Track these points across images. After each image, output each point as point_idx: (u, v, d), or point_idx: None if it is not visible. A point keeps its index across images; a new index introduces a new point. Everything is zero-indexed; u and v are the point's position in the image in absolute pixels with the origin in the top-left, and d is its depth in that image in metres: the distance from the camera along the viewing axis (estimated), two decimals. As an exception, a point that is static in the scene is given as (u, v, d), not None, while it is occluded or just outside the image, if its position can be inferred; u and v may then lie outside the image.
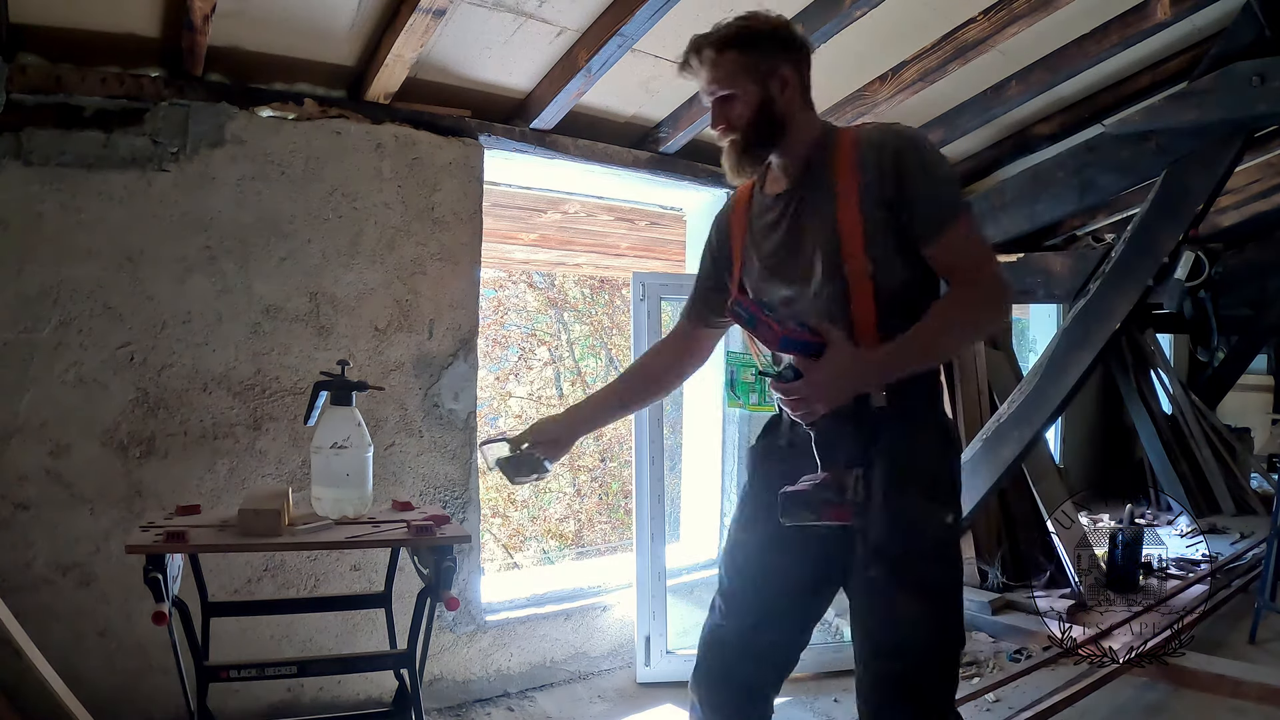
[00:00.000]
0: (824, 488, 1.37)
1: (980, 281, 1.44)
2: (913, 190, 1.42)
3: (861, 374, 1.40)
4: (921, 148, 1.47)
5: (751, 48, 1.47)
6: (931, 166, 1.45)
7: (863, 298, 1.44)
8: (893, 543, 1.40)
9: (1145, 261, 3.22)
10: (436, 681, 2.79)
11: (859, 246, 1.43)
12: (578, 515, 8.30)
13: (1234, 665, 2.96)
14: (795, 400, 1.40)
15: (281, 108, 2.53)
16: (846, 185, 1.45)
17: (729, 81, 1.48)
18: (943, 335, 1.45)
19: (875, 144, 1.46)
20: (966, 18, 2.83)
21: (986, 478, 3.67)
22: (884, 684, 1.44)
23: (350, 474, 1.86)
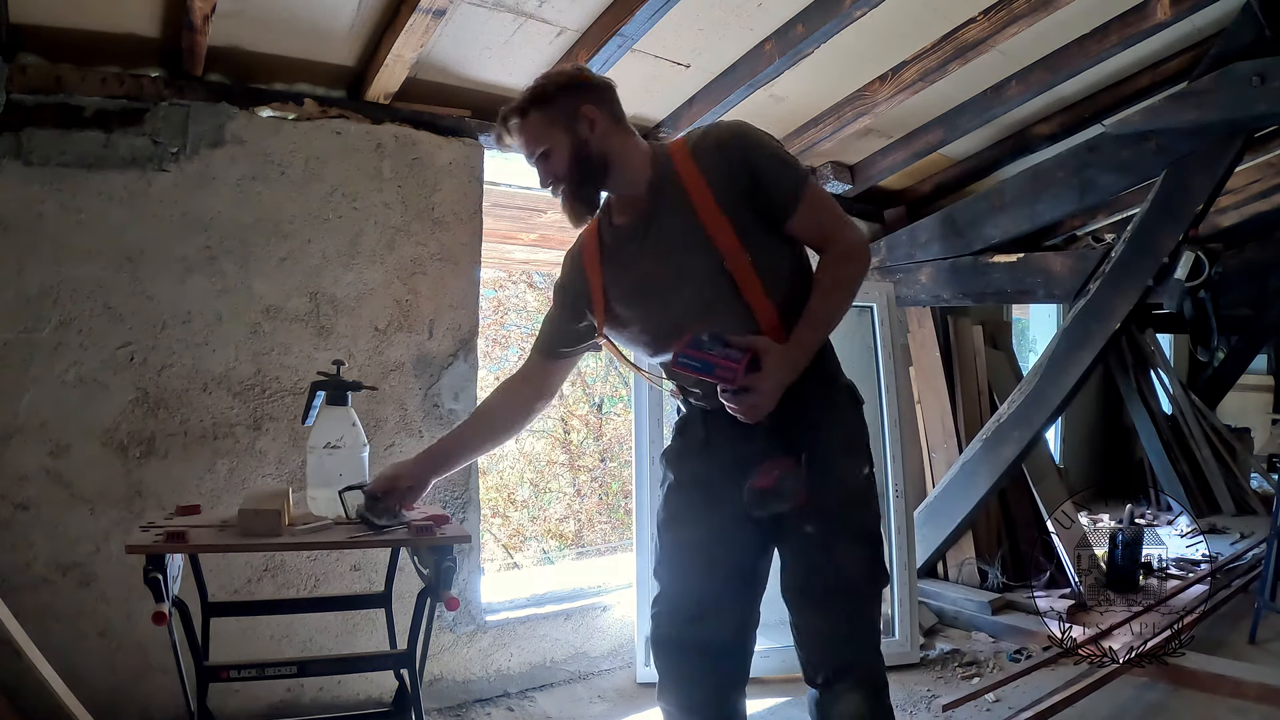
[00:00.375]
0: (789, 477, 1.46)
1: (843, 240, 1.56)
2: (762, 174, 1.51)
3: (794, 365, 1.48)
4: (756, 134, 1.56)
5: (549, 102, 1.55)
6: (770, 148, 1.54)
7: (753, 289, 1.51)
8: (826, 498, 1.52)
9: (1145, 261, 3.22)
10: (436, 681, 2.79)
11: (735, 244, 1.49)
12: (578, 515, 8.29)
13: (1234, 665, 2.96)
14: (749, 408, 1.45)
15: (281, 108, 2.53)
16: (699, 192, 1.51)
17: (540, 139, 1.55)
18: (836, 302, 1.54)
19: (713, 145, 1.54)
20: (966, 18, 2.83)
21: (986, 478, 3.67)
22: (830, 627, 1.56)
23: (345, 474, 1.86)
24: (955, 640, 3.52)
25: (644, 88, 3.01)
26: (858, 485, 1.61)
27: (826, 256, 1.56)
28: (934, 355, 4.24)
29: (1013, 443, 3.59)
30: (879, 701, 1.58)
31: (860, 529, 1.59)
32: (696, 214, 1.51)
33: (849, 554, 1.56)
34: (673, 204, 1.54)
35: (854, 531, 1.58)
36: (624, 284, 1.62)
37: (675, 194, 1.54)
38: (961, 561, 3.94)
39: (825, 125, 3.35)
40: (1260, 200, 5.30)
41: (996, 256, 3.80)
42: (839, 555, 1.55)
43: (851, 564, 1.56)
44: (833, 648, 1.57)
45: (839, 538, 1.55)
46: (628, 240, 1.60)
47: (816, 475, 1.50)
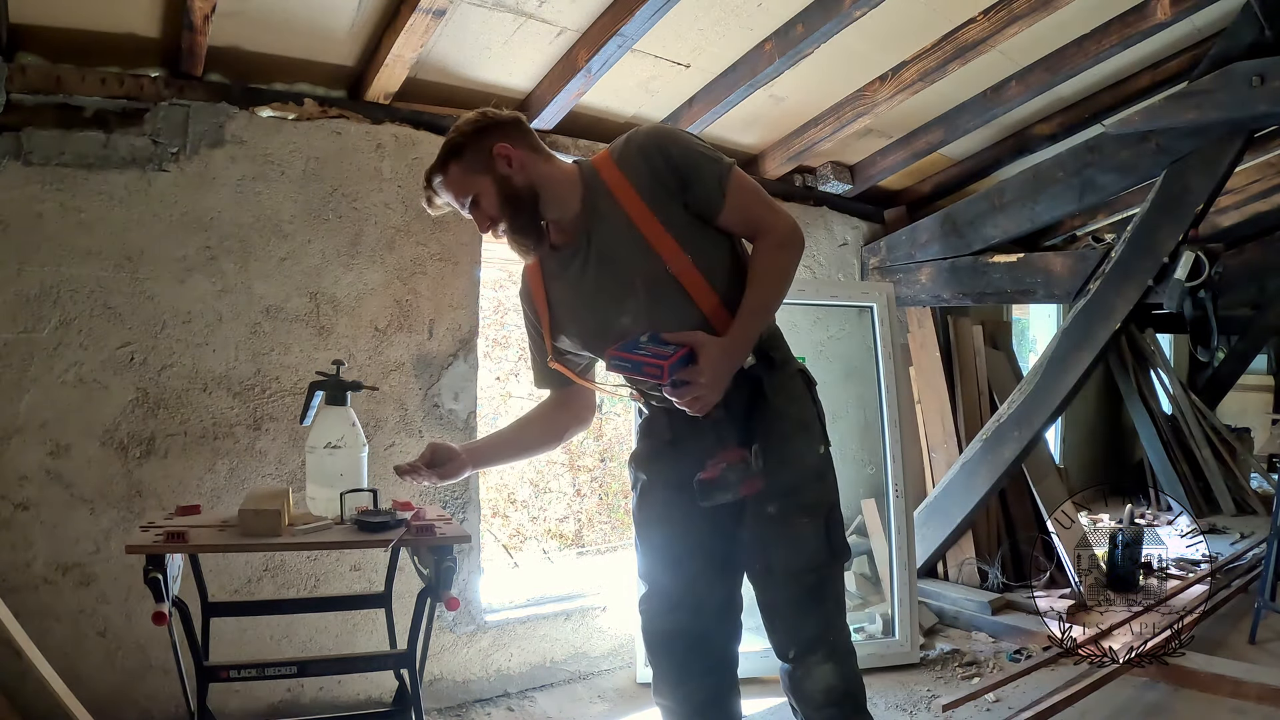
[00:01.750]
0: (734, 468, 1.48)
1: (773, 227, 1.58)
2: (687, 172, 1.53)
3: (733, 355, 1.51)
4: (673, 135, 1.59)
5: (463, 151, 1.56)
6: (690, 146, 1.57)
7: (698, 287, 1.55)
8: (788, 479, 1.58)
9: (1145, 261, 3.22)
10: (436, 681, 2.79)
11: (672, 246, 1.53)
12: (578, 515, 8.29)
13: (1234, 665, 2.96)
14: (692, 401, 1.49)
15: (281, 108, 2.53)
16: (629, 200, 1.54)
17: (465, 188, 1.56)
18: (770, 289, 1.58)
19: (635, 151, 1.56)
20: (966, 18, 2.83)
21: (986, 478, 3.67)
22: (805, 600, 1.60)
23: (344, 474, 1.86)
24: (955, 640, 3.52)
25: (644, 88, 3.01)
26: (813, 463, 1.64)
27: (759, 245, 1.59)
28: (934, 355, 4.24)
29: (1013, 443, 3.59)
30: (848, 669, 1.63)
31: (816, 504, 1.62)
32: (632, 221, 1.54)
33: (806, 529, 1.60)
34: (607, 216, 1.57)
35: (810, 507, 1.61)
36: (570, 303, 1.65)
37: (608, 206, 1.56)
38: (961, 561, 3.95)
39: (825, 125, 3.35)
40: (1260, 200, 5.30)
41: (996, 256, 3.80)
42: (797, 531, 1.59)
43: (809, 539, 1.60)
44: (798, 623, 1.61)
45: (796, 514, 1.59)
46: (569, 259, 1.62)
47: (772, 459, 1.54)
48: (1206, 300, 3.17)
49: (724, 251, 1.61)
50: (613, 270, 1.58)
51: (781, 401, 1.62)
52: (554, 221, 1.62)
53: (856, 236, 4.23)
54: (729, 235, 1.62)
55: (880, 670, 3.15)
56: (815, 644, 1.61)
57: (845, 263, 4.16)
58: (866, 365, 3.48)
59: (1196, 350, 6.36)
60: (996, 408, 3.81)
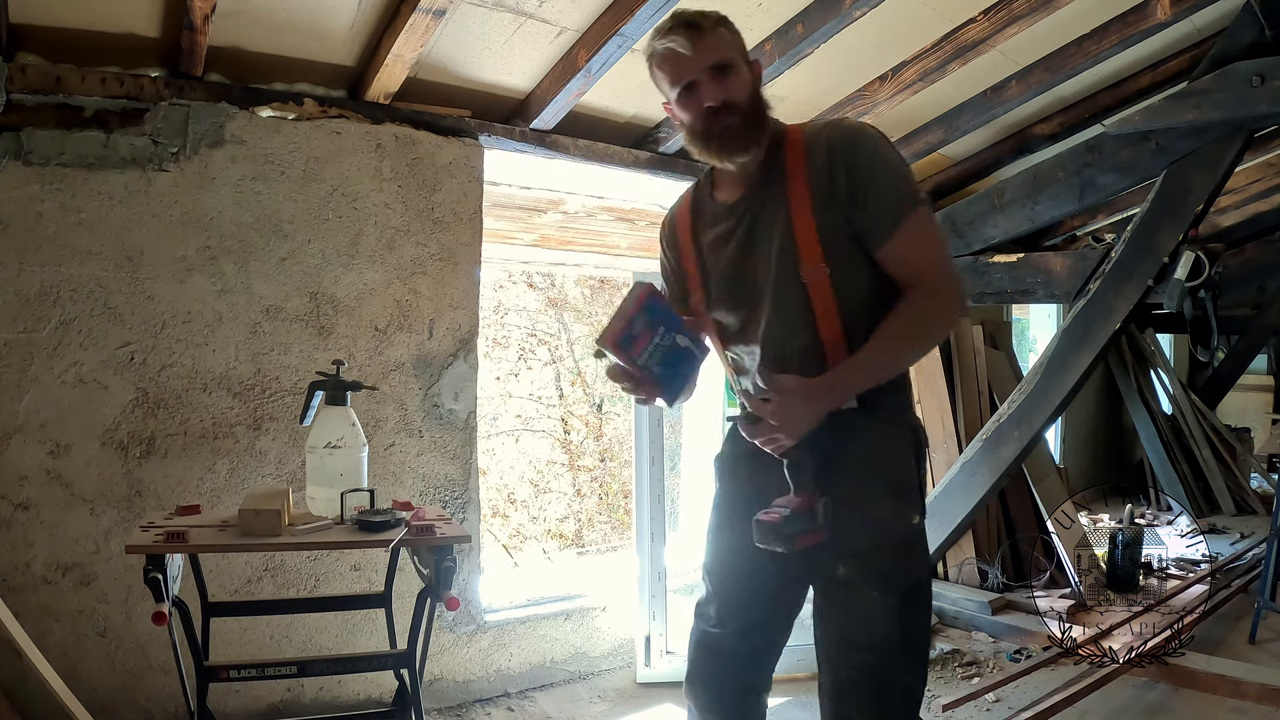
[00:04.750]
0: (795, 519, 1.38)
1: (934, 289, 1.40)
2: (863, 189, 1.38)
3: (817, 402, 1.37)
4: (871, 142, 1.42)
5: (732, 30, 1.45)
6: (881, 163, 1.40)
7: (825, 307, 1.40)
8: (863, 542, 1.41)
9: (1145, 261, 3.22)
10: (436, 681, 2.79)
11: (816, 255, 1.39)
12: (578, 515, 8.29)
13: (1234, 665, 2.96)
14: (766, 441, 1.39)
15: (281, 108, 2.53)
16: (798, 189, 1.41)
17: (727, 49, 1.41)
18: (893, 353, 1.41)
19: (823, 142, 1.42)
20: (966, 18, 2.83)
21: (986, 478, 3.67)
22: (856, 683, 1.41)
23: (344, 473, 1.86)
24: (955, 640, 3.52)
25: (644, 88, 2.99)
26: (900, 532, 1.45)
27: (907, 298, 1.40)
28: (934, 355, 4.24)
29: (1013, 443, 3.59)
30: None
31: (893, 579, 1.42)
32: (790, 212, 1.41)
33: (876, 605, 1.40)
34: (772, 195, 1.44)
35: (885, 580, 1.41)
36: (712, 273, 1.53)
37: (777, 185, 1.43)
38: (961, 561, 3.95)
39: (825, 125, 3.35)
40: (1260, 200, 5.30)
41: (996, 256, 3.80)
42: (865, 604, 1.41)
43: (879, 617, 1.39)
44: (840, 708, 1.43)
45: (868, 584, 1.41)
46: (724, 218, 1.50)
47: (849, 517, 1.40)
48: (1206, 300, 3.17)
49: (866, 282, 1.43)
50: (752, 253, 1.46)
51: (876, 458, 1.44)
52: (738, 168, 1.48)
53: (856, 236, 4.22)
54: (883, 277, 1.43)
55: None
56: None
57: (845, 263, 4.16)
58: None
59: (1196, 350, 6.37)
60: (996, 408, 3.81)
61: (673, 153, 3.33)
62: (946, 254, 1.46)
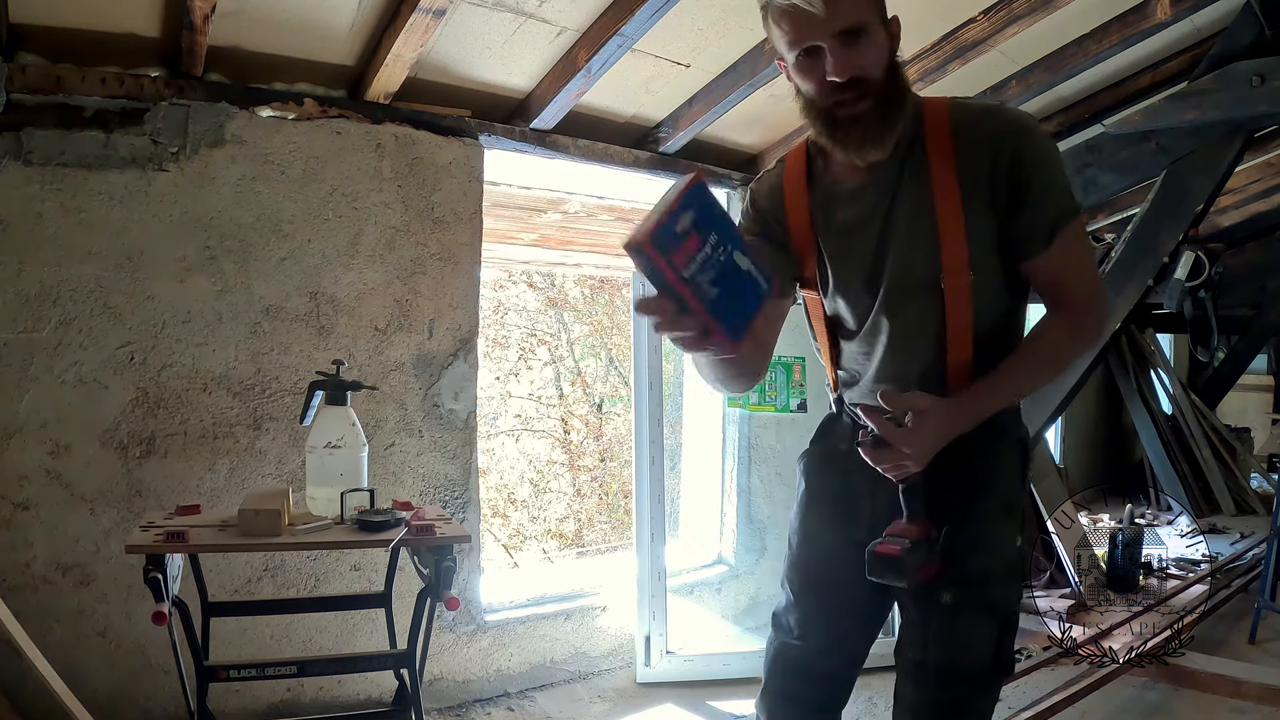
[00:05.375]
0: (915, 551, 1.26)
1: (1085, 307, 1.27)
2: (1024, 191, 1.21)
3: (954, 428, 1.25)
4: (1040, 137, 1.24)
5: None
6: (1046, 162, 1.23)
7: (960, 324, 1.25)
8: (971, 566, 1.31)
9: (1145, 261, 3.23)
10: (436, 681, 2.79)
11: (962, 259, 1.22)
12: (578, 515, 8.29)
13: (1234, 665, 2.96)
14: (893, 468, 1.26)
15: (281, 108, 2.53)
16: (945, 180, 1.23)
17: (862, 10, 1.15)
18: (1039, 373, 1.28)
19: (983, 134, 1.23)
20: (966, 18, 2.83)
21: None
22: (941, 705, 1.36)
23: (344, 473, 1.86)
24: (955, 640, 3.52)
25: (644, 88, 3.01)
26: (1009, 555, 1.37)
27: (1050, 318, 1.27)
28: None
29: (1013, 443, 3.59)
30: None
31: (1000, 607, 1.35)
32: (935, 208, 1.23)
33: (980, 632, 1.33)
34: (910, 182, 1.26)
35: (992, 608, 1.34)
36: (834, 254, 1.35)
37: (916, 171, 1.25)
38: (961, 561, 3.94)
39: (825, 125, 3.35)
40: (1260, 200, 5.31)
41: (996, 256, 3.80)
42: (968, 629, 1.33)
43: (979, 643, 1.33)
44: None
45: (974, 612, 1.33)
46: (848, 203, 1.32)
47: (962, 542, 1.30)
48: (1206, 300, 3.18)
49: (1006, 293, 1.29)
50: (886, 248, 1.28)
51: (988, 476, 1.33)
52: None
53: (856, 236, 4.22)
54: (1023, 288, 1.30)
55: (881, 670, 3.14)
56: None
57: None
58: (866, 365, 3.47)
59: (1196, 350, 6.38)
60: (996, 408, 3.81)
61: (673, 153, 3.33)
62: (1098, 272, 1.34)
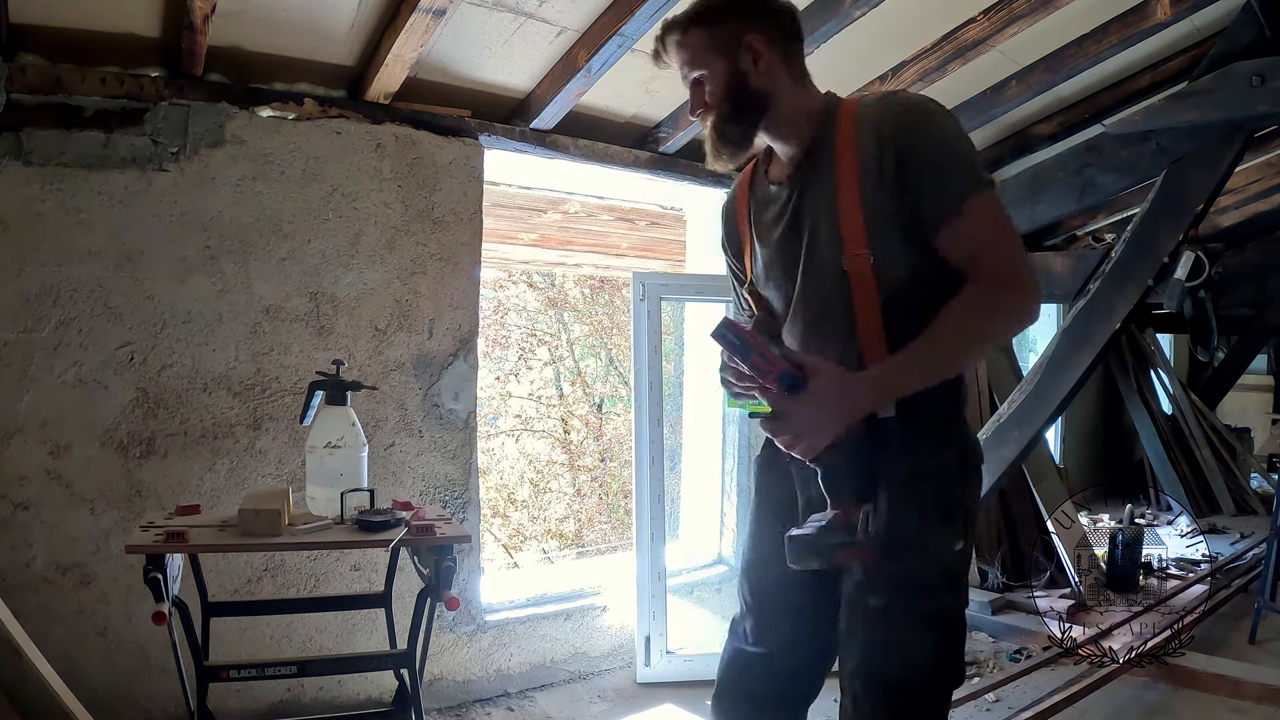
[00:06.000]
0: (830, 530, 1.24)
1: (997, 279, 1.25)
2: (918, 168, 1.25)
3: (855, 399, 1.24)
4: (928, 115, 1.29)
5: (716, 22, 1.35)
6: (940, 139, 1.27)
7: (866, 297, 1.28)
8: (899, 569, 1.27)
9: (1145, 261, 3.22)
10: (436, 681, 2.79)
11: (860, 239, 1.27)
12: (578, 515, 8.29)
13: (1234, 665, 2.96)
14: (790, 441, 1.25)
15: (281, 108, 2.53)
16: (846, 166, 1.29)
17: (696, 62, 1.36)
18: (951, 344, 1.26)
19: (874, 116, 1.30)
20: (966, 18, 2.83)
21: (987, 478, 3.67)
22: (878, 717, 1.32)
23: (344, 473, 1.86)
24: (955, 640, 3.52)
25: (644, 88, 3.01)
26: (946, 561, 1.32)
27: (968, 290, 1.25)
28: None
29: (1013, 443, 3.59)
30: None
31: (937, 616, 1.31)
32: (836, 192, 1.29)
33: (913, 641, 1.29)
34: (820, 174, 1.34)
35: (928, 617, 1.30)
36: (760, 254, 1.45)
37: (827, 163, 1.32)
38: (961, 561, 3.94)
39: (825, 125, 3.35)
40: (1260, 200, 5.31)
41: (996, 256, 3.79)
42: (904, 643, 1.29)
43: (916, 653, 1.29)
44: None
45: (909, 621, 1.29)
46: (774, 200, 1.42)
47: (892, 542, 1.25)
48: (1206, 300, 3.18)
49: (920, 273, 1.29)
50: (796, 235, 1.36)
51: (918, 475, 1.29)
52: (778, 149, 1.42)
53: (856, 236, 4.22)
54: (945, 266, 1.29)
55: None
56: None
57: (845, 263, 4.16)
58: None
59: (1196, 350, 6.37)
60: (996, 408, 3.81)
61: (673, 153, 3.33)
62: (1017, 242, 1.28)
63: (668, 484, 3.23)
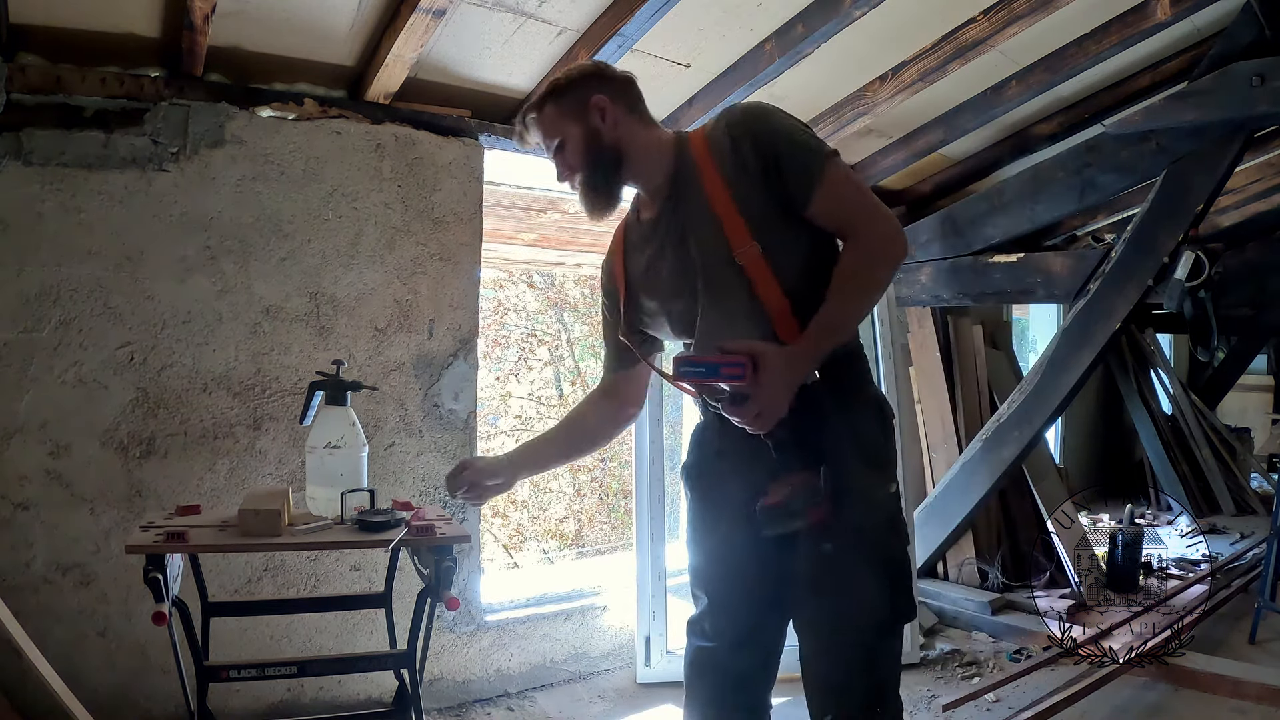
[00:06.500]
0: (798, 494, 1.36)
1: (868, 228, 1.42)
2: (773, 157, 1.41)
3: (798, 368, 1.37)
4: (768, 114, 1.47)
5: (563, 95, 1.52)
6: (783, 129, 1.44)
7: (765, 283, 1.42)
8: (849, 518, 1.40)
9: (1145, 261, 3.22)
10: (436, 681, 2.79)
11: (744, 235, 1.41)
12: (578, 515, 8.28)
13: (1234, 665, 2.96)
14: (755, 418, 1.36)
15: (281, 108, 2.53)
16: (711, 180, 1.44)
17: (554, 131, 1.52)
18: (850, 301, 1.41)
19: (724, 129, 1.46)
20: (966, 18, 2.83)
21: (986, 478, 3.67)
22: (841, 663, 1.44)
23: (344, 474, 1.86)
24: (955, 640, 3.52)
25: (644, 88, 2.98)
26: (882, 502, 1.47)
27: (846, 249, 1.44)
28: (934, 355, 4.24)
29: (1013, 443, 3.59)
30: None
31: (883, 554, 1.45)
32: (709, 203, 1.44)
33: (868, 583, 1.42)
34: (689, 195, 1.48)
35: (875, 557, 1.43)
36: (646, 280, 1.57)
37: (692, 184, 1.47)
38: (961, 561, 3.94)
39: (825, 125, 3.35)
40: (1260, 200, 5.31)
41: (996, 256, 3.80)
42: (857, 584, 1.42)
43: (869, 591, 1.42)
44: (842, 690, 1.44)
45: (859, 563, 1.42)
46: (650, 235, 1.55)
47: (836, 490, 1.39)
48: (1206, 300, 3.18)
49: (806, 247, 1.45)
50: (685, 253, 1.48)
51: (848, 428, 1.44)
52: (645, 193, 1.56)
53: (856, 236, 4.22)
54: (820, 233, 1.46)
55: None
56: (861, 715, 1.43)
57: (845, 263, 4.16)
58: (866, 365, 3.48)
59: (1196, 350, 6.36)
60: (996, 408, 3.81)
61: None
62: (872, 195, 1.47)
63: (668, 484, 3.23)
